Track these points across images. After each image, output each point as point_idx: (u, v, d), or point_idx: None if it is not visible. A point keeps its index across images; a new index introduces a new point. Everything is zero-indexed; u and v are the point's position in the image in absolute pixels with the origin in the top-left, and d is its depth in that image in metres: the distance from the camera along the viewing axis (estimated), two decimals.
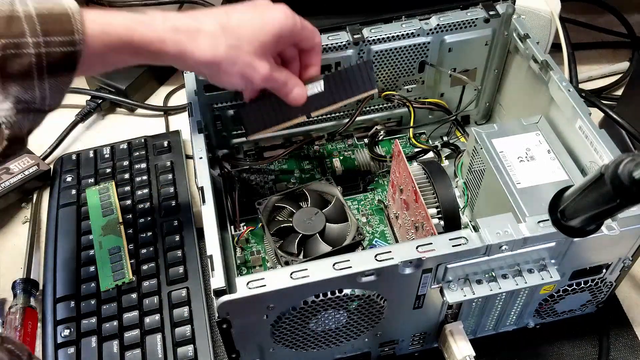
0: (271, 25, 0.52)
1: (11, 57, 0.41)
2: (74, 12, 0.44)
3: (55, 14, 0.43)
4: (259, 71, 0.52)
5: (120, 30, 0.47)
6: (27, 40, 0.42)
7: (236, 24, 0.51)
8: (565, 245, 0.50)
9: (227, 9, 0.52)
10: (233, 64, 0.51)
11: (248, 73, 0.52)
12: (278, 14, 0.52)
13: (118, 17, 0.47)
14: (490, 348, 0.62)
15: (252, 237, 0.69)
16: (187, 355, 0.59)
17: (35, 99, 0.44)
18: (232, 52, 0.50)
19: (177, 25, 0.49)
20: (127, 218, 0.70)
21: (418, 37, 0.67)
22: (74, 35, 0.43)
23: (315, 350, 0.55)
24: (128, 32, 0.47)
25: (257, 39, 0.51)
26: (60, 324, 0.61)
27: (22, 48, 0.42)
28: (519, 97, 0.71)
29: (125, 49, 0.47)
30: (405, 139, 0.77)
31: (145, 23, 0.48)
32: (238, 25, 0.51)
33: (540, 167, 0.58)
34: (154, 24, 0.48)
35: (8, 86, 0.42)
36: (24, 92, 0.43)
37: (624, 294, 0.66)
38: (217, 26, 0.50)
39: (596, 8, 0.97)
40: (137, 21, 0.47)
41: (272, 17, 0.52)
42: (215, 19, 0.51)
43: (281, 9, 0.53)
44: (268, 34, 0.52)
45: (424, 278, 0.49)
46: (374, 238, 0.68)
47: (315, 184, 0.68)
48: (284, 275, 0.46)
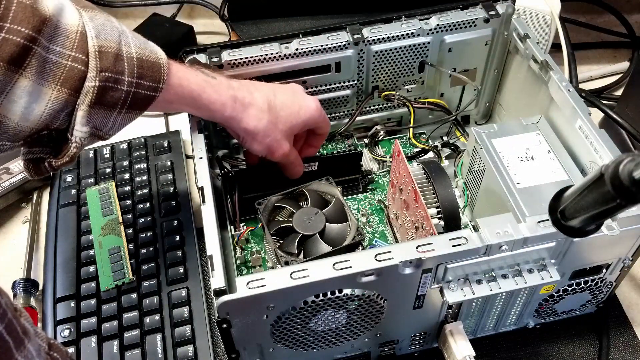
0: (304, 113, 0.62)
1: (108, 89, 0.47)
2: (164, 64, 0.51)
3: (150, 61, 0.50)
4: (282, 148, 0.61)
5: (193, 87, 0.54)
6: (124, 79, 0.48)
7: (279, 106, 0.60)
8: (565, 245, 0.50)
9: (274, 88, 0.61)
10: (267, 136, 0.60)
11: (274, 147, 0.61)
12: (312, 105, 0.62)
13: (194, 76, 0.55)
14: (490, 348, 0.62)
15: (252, 237, 0.69)
16: (187, 355, 0.59)
17: (105, 128, 0.50)
18: (270, 127, 0.59)
19: (237, 95, 0.58)
20: (127, 218, 0.70)
21: (418, 37, 0.67)
22: (160, 83, 0.51)
23: (315, 350, 0.55)
24: (199, 89, 0.55)
25: (290, 121, 0.61)
26: (60, 324, 0.61)
27: (119, 84, 0.48)
28: (519, 97, 0.71)
29: (190, 102, 0.55)
30: (405, 139, 0.77)
31: (213, 86, 0.56)
32: (281, 107, 0.60)
33: (540, 167, 0.58)
34: (220, 89, 0.56)
35: (94, 113, 0.48)
36: (102, 120, 0.49)
37: (624, 294, 0.66)
38: (265, 104, 0.59)
39: (596, 8, 0.97)
40: (208, 83, 0.56)
41: (306, 106, 0.62)
42: (265, 97, 0.59)
43: (314, 101, 0.63)
44: (299, 120, 0.62)
45: (424, 278, 0.49)
46: (374, 238, 0.68)
47: (315, 184, 0.68)
48: (284, 275, 0.46)
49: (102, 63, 0.46)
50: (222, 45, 0.65)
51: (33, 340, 0.36)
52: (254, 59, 0.64)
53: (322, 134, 0.67)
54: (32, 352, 0.35)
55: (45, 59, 0.44)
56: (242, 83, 0.60)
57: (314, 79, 0.69)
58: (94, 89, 0.46)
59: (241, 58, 0.64)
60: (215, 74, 0.58)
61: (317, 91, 0.70)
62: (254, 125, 0.59)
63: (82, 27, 0.46)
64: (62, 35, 0.45)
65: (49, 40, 0.44)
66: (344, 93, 0.72)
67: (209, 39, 0.98)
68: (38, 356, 0.36)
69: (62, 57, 0.45)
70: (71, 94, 0.46)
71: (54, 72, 0.45)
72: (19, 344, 0.34)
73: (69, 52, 0.45)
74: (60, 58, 0.45)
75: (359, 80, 0.70)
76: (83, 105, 0.46)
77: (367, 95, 0.72)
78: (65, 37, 0.45)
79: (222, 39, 0.97)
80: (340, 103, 0.73)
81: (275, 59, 0.65)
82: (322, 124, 0.65)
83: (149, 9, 0.97)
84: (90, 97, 0.46)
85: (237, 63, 0.64)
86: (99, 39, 0.47)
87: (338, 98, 0.72)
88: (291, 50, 0.65)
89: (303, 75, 0.68)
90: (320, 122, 0.64)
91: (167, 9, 0.98)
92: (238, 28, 0.92)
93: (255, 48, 0.65)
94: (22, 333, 0.34)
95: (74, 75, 0.45)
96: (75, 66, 0.45)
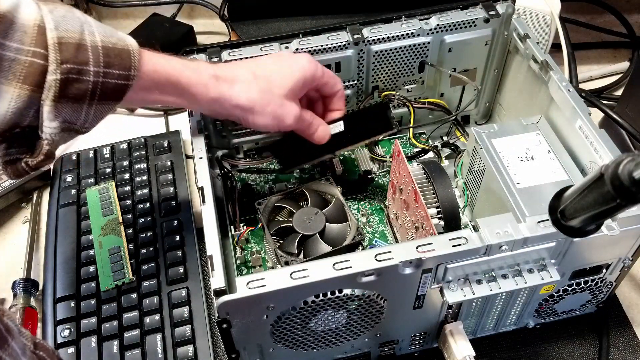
0: (297, 70, 0.58)
1: (72, 81, 0.45)
2: (134, 50, 0.49)
3: (117, 48, 0.48)
4: (290, 112, 0.58)
5: (170, 71, 0.52)
6: (89, 69, 0.46)
7: (267, 73, 0.57)
8: (565, 245, 0.50)
9: (257, 60, 0.59)
10: (266, 105, 0.56)
11: (279, 113, 0.57)
12: (302, 61, 0.59)
13: (170, 60, 0.53)
14: (490, 348, 0.62)
15: (252, 237, 0.69)
16: (187, 355, 0.59)
17: (78, 121, 0.48)
18: (265, 96, 0.56)
19: (218, 73, 0.55)
20: (127, 218, 0.70)
21: (418, 37, 0.67)
22: (131, 70, 0.48)
23: (315, 350, 0.55)
24: (176, 73, 0.52)
25: (286, 83, 0.57)
26: (60, 324, 0.61)
27: (83, 75, 0.46)
28: (519, 97, 0.71)
29: (170, 89, 0.53)
30: (405, 139, 0.77)
31: (191, 69, 0.54)
32: (269, 73, 0.57)
33: (540, 167, 0.58)
34: (199, 70, 0.54)
35: (61, 107, 0.46)
36: (72, 114, 0.47)
37: (624, 294, 0.66)
38: (251, 75, 0.56)
39: (596, 8, 0.97)
40: (186, 66, 0.53)
41: (297, 63, 0.59)
42: (249, 69, 0.57)
43: (305, 56, 0.59)
44: (294, 79, 0.58)
45: (424, 278, 0.49)
46: (374, 238, 0.68)
47: (315, 184, 0.68)
48: (284, 275, 0.46)
49: (62, 55, 0.45)
50: (222, 45, 0.65)
51: (17, 338, 0.35)
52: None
53: (335, 91, 0.63)
54: (16, 351, 0.35)
55: (1, 57, 0.43)
56: (222, 63, 0.58)
57: None
58: (56, 82, 0.45)
59: (241, 58, 0.64)
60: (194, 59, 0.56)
61: None
62: (246, 98, 0.55)
63: (41, 20, 0.45)
64: (19, 31, 0.44)
65: (4, 37, 0.43)
66: None
67: (209, 39, 0.98)
68: (23, 355, 0.36)
69: (20, 53, 0.44)
70: (34, 90, 0.44)
71: (14, 69, 0.44)
72: (3, 343, 0.34)
73: (27, 48, 0.44)
74: (18, 54, 0.44)
75: (359, 80, 0.70)
76: (47, 100, 0.45)
77: (367, 95, 0.72)
78: (22, 32, 0.44)
79: (222, 39, 0.97)
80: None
81: None
82: (327, 79, 0.61)
83: (149, 9, 0.97)
84: (53, 91, 0.45)
85: None
86: (59, 30, 0.45)
87: None
88: (291, 50, 0.65)
89: None
90: (323, 77, 0.61)
91: (167, 9, 0.98)
92: (238, 28, 0.92)
93: (255, 48, 0.65)
94: (5, 331, 0.34)
95: (35, 70, 0.44)
96: (35, 61, 0.44)
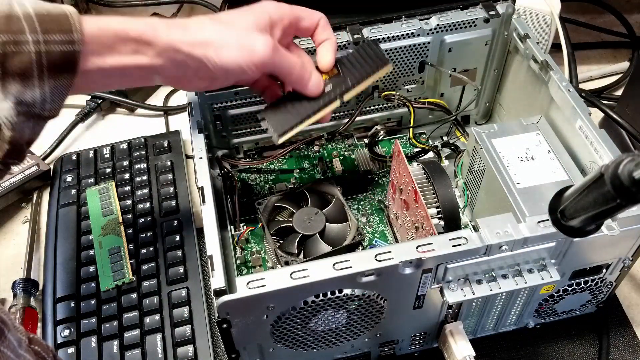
0: (258, 10, 0.52)
1: (11, 54, 0.42)
2: (72, 13, 0.45)
3: (53, 14, 0.44)
4: (259, 39, 0.50)
5: (116, 26, 0.47)
6: (27, 38, 0.42)
7: (225, 16, 0.52)
8: (565, 245, 0.50)
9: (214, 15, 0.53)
10: (228, 37, 0.50)
11: (247, 42, 0.50)
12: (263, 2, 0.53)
13: (114, 18, 0.48)
14: (490, 348, 0.62)
15: (252, 237, 0.69)
16: (187, 355, 0.59)
17: (35, 102, 0.44)
18: (225, 29, 0.50)
19: (169, 22, 0.50)
20: (127, 218, 0.70)
21: (418, 37, 0.67)
22: (73, 34, 0.44)
23: (315, 350, 0.55)
24: (123, 26, 0.48)
25: (248, 20, 0.51)
26: (60, 324, 0.61)
27: (22, 45, 0.42)
28: (519, 97, 0.71)
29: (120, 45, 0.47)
30: (405, 139, 0.77)
31: (139, 20, 0.49)
32: (227, 17, 0.52)
33: (540, 167, 0.58)
34: (148, 21, 0.49)
35: (8, 85, 0.42)
36: (24, 91, 0.43)
37: (624, 294, 0.66)
38: (206, 19, 0.51)
39: (596, 8, 0.97)
40: (132, 19, 0.49)
41: (258, 5, 0.53)
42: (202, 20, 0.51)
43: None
44: (257, 15, 0.51)
45: (424, 278, 0.49)
46: (374, 238, 0.68)
47: (315, 184, 0.68)
48: (284, 275, 0.46)
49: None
50: None
51: (13, 331, 0.35)
52: None
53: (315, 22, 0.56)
54: (13, 343, 0.35)
55: None
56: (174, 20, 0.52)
57: None
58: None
59: None
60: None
61: None
62: (202, 35, 0.49)
63: None
64: None
65: None
66: None
67: None
68: (19, 347, 0.36)
69: None
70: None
71: None
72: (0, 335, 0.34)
73: None
74: None
75: None
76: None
77: (367, 95, 0.72)
78: None
79: None
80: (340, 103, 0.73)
81: None
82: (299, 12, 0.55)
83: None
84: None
85: None
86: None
87: None
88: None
89: None
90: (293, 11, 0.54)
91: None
92: None
93: None
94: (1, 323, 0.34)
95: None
96: None
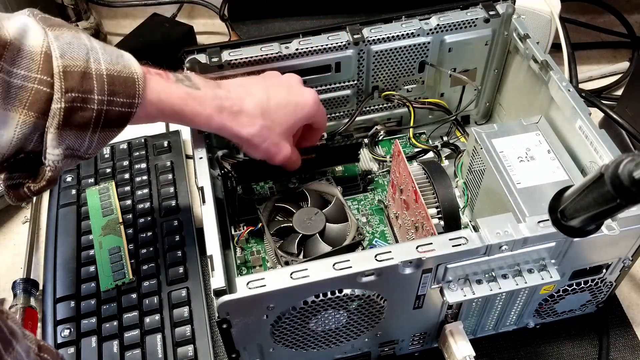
0: (301, 111, 0.60)
1: (76, 109, 0.45)
2: (139, 78, 0.49)
3: (122, 76, 0.48)
4: (282, 152, 0.59)
5: (175, 101, 0.52)
6: (94, 97, 0.46)
7: (274, 108, 0.58)
8: (565, 245, 0.50)
9: (268, 89, 0.59)
10: (263, 141, 0.57)
11: (272, 151, 0.59)
12: (309, 101, 0.60)
13: (175, 89, 0.52)
14: (490, 348, 0.62)
15: (252, 237, 0.69)
16: (187, 355, 0.59)
17: (81, 148, 0.48)
18: (264, 132, 0.57)
19: (224, 105, 0.55)
20: (127, 218, 0.70)
21: (418, 37, 0.67)
22: (135, 99, 0.48)
23: (315, 350, 0.55)
24: (181, 103, 0.52)
25: (287, 122, 0.59)
26: (60, 324, 0.61)
27: (88, 103, 0.46)
28: (519, 97, 0.71)
29: (174, 116, 0.53)
30: (405, 139, 0.77)
31: (196, 99, 0.53)
32: (275, 109, 0.58)
33: (540, 167, 0.58)
34: (204, 101, 0.54)
35: (65, 135, 0.46)
36: (76, 141, 0.47)
37: (624, 294, 0.66)
38: (258, 109, 0.57)
39: (596, 8, 0.97)
40: (191, 96, 0.53)
41: (304, 102, 0.60)
42: (258, 101, 0.57)
43: (311, 95, 0.60)
44: (296, 118, 0.59)
45: (424, 278, 0.49)
46: (374, 238, 0.68)
47: (315, 184, 0.68)
48: (284, 275, 0.46)
49: (67, 83, 0.45)
50: (222, 45, 0.65)
51: (21, 341, 0.35)
52: (254, 59, 0.64)
53: (319, 128, 0.65)
54: (21, 354, 0.35)
55: (9, 84, 0.43)
56: (231, 89, 0.57)
57: (314, 79, 0.69)
58: (60, 110, 0.45)
59: (241, 58, 0.64)
60: (200, 81, 0.55)
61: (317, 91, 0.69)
62: (247, 132, 0.56)
63: (47, 48, 0.45)
64: (26, 58, 0.44)
65: (12, 64, 0.43)
66: (344, 93, 0.71)
67: (209, 39, 0.98)
68: (27, 357, 0.36)
69: (27, 80, 0.44)
70: (39, 117, 0.44)
71: (20, 96, 0.44)
72: (7, 346, 0.34)
73: (34, 75, 0.44)
74: (25, 82, 0.44)
75: (359, 80, 0.70)
76: (52, 127, 0.45)
77: (367, 95, 0.72)
78: (30, 59, 0.44)
79: (222, 39, 0.97)
80: (340, 103, 0.73)
81: (275, 59, 0.65)
82: (319, 119, 0.63)
83: (149, 9, 0.97)
84: (57, 119, 0.45)
85: (237, 63, 0.64)
86: (64, 59, 0.45)
87: (338, 98, 0.72)
88: (291, 50, 0.65)
89: (303, 75, 0.68)
90: (318, 116, 0.62)
91: (167, 9, 0.98)
92: (238, 28, 0.92)
93: (255, 48, 0.64)
94: (10, 334, 0.34)
95: (40, 98, 0.44)
96: (40, 89, 0.44)
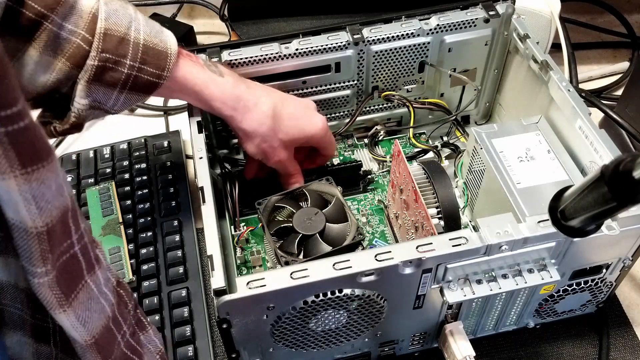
0: (309, 130, 0.63)
1: (108, 69, 0.51)
2: (172, 54, 0.54)
3: (157, 49, 0.53)
4: (277, 155, 0.62)
5: (197, 82, 0.56)
6: (126, 62, 0.52)
7: (286, 115, 0.61)
8: (565, 245, 0.50)
9: (286, 98, 0.63)
10: (264, 141, 0.60)
11: (269, 153, 0.61)
12: (318, 124, 0.63)
13: (201, 72, 0.57)
14: (490, 348, 0.62)
15: (252, 237, 0.69)
16: (187, 355, 0.59)
17: (107, 103, 0.54)
18: (269, 133, 0.60)
19: (242, 96, 0.59)
20: (127, 218, 0.70)
21: (418, 37, 0.67)
22: (164, 72, 0.53)
23: (315, 350, 0.55)
24: (202, 85, 0.57)
25: (293, 133, 0.62)
26: None
27: (119, 66, 0.51)
28: (519, 97, 0.71)
29: (192, 94, 0.57)
30: (405, 139, 0.77)
31: (218, 84, 0.57)
32: (287, 117, 0.61)
33: (540, 167, 0.58)
34: (224, 88, 0.58)
35: (93, 89, 0.52)
36: (103, 96, 0.53)
37: (624, 294, 0.66)
38: (271, 110, 0.60)
39: (596, 8, 0.97)
40: (213, 81, 0.57)
41: (314, 124, 0.63)
42: (273, 103, 0.60)
43: (322, 121, 0.64)
44: (302, 134, 0.62)
45: (424, 278, 0.49)
46: (374, 238, 0.68)
47: (315, 184, 0.68)
48: (284, 275, 0.46)
49: (104, 45, 0.50)
50: (222, 45, 0.65)
51: (103, 269, 0.37)
52: (254, 59, 0.64)
53: (326, 155, 0.68)
54: (100, 279, 0.37)
55: (57, 35, 0.49)
56: (253, 86, 0.61)
57: (314, 79, 0.69)
58: (92, 67, 0.50)
59: (241, 58, 0.64)
60: (227, 71, 0.59)
61: (317, 91, 0.70)
62: (254, 128, 0.59)
63: (96, 10, 0.50)
64: (75, 15, 0.50)
65: (63, 19, 0.49)
66: (344, 93, 0.72)
67: (209, 39, 0.98)
68: (105, 285, 0.37)
69: (73, 34, 0.50)
70: (73, 68, 0.50)
71: (63, 46, 0.50)
72: (90, 268, 0.36)
73: (80, 31, 0.50)
74: (71, 35, 0.50)
75: (359, 80, 0.70)
76: (82, 80, 0.51)
77: (367, 95, 0.72)
78: (78, 16, 0.50)
79: (222, 39, 0.97)
80: (340, 103, 0.73)
81: (275, 59, 0.65)
82: (327, 145, 0.66)
83: (149, 9, 0.97)
84: (88, 74, 0.51)
85: (237, 63, 0.64)
86: (107, 22, 0.51)
87: (338, 98, 0.72)
88: (291, 50, 0.65)
89: (303, 76, 0.68)
90: (325, 143, 0.65)
91: (167, 9, 0.98)
92: (238, 28, 0.92)
93: (255, 48, 0.65)
94: (94, 259, 0.36)
95: (79, 52, 0.50)
96: (81, 44, 0.50)
